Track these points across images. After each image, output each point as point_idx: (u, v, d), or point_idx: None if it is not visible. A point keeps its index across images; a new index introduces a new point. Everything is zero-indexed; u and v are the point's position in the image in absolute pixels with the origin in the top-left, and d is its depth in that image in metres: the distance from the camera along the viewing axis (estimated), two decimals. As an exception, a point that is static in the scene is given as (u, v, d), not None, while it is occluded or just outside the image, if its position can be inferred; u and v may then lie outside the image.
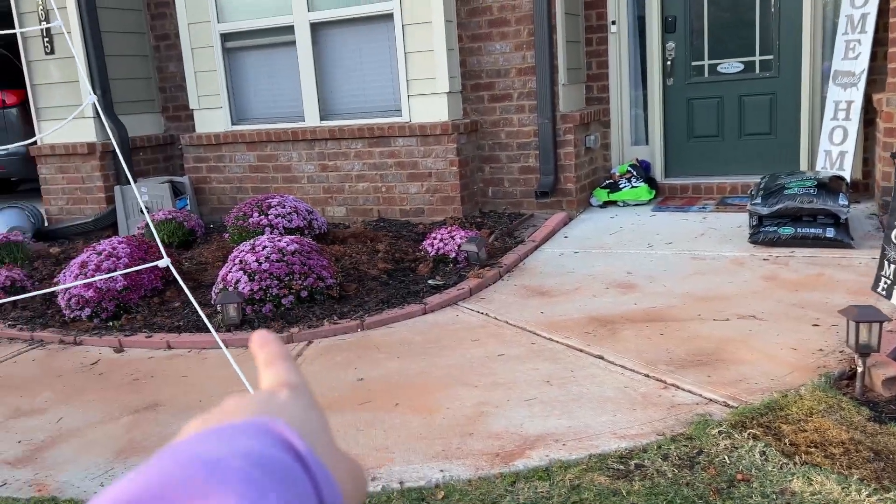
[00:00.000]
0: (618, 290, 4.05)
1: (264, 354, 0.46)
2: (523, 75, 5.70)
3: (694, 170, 6.16)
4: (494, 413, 2.76)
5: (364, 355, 3.44)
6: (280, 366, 0.45)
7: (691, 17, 5.97)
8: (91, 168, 6.46)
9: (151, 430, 2.92)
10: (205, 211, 6.62)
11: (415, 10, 5.59)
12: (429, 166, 5.77)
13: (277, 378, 0.44)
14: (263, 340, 0.47)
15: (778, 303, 3.66)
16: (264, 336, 0.48)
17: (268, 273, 3.99)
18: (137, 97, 6.84)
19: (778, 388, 2.75)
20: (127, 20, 6.70)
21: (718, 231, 5.00)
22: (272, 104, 6.36)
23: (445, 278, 4.48)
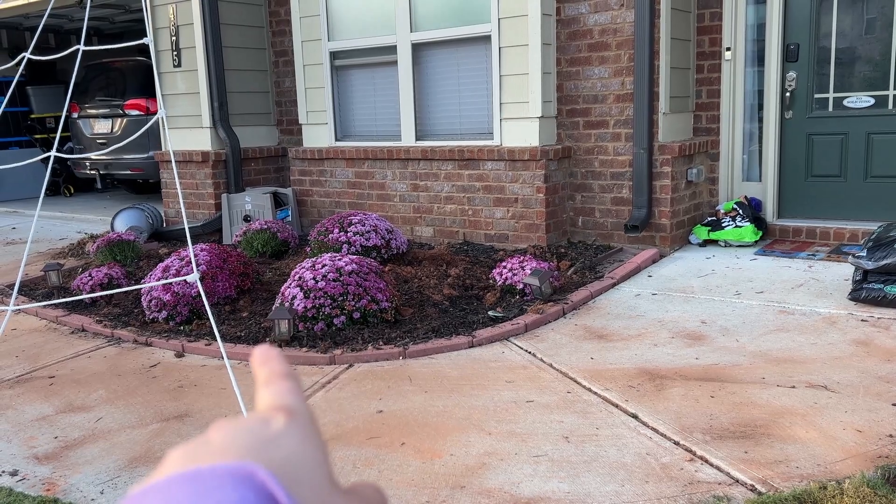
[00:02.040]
0: (683, 341, 3.74)
1: (265, 372, 0.42)
2: (621, 102, 5.44)
3: (810, 212, 5.61)
4: (496, 466, 2.60)
5: (394, 386, 3.38)
6: (280, 386, 0.41)
7: (817, 44, 5.46)
8: (204, 175, 6.86)
9: (172, 440, 3.00)
10: (305, 223, 6.84)
11: (512, 32, 5.49)
12: (515, 191, 5.63)
13: (275, 400, 0.39)
14: (265, 357, 0.43)
15: (861, 373, 3.22)
16: (266, 352, 0.44)
17: (322, 292, 4.02)
18: (255, 110, 7.20)
19: (821, 477, 2.40)
20: (250, 36, 7.08)
21: (821, 283, 4.51)
22: (372, 122, 6.47)
23: (507, 310, 4.33)
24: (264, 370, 0.42)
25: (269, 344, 0.44)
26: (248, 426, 0.36)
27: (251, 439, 0.35)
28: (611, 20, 5.38)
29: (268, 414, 0.37)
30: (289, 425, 0.36)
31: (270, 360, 0.43)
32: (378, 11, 6.17)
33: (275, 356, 0.43)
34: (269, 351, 0.43)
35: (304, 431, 0.37)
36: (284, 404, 0.39)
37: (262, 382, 0.41)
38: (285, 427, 0.36)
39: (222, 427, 0.36)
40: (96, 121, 9.23)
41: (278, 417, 0.37)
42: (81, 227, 8.04)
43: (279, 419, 0.37)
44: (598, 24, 5.44)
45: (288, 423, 0.36)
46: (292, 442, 0.36)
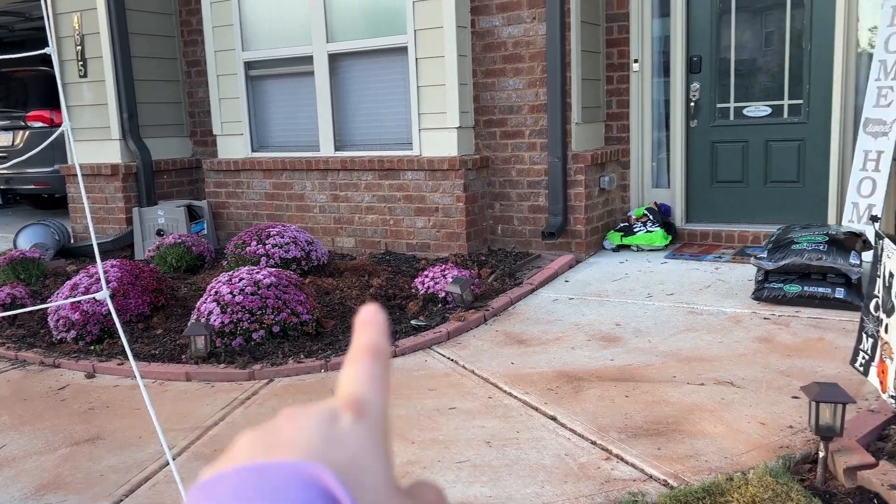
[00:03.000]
0: (599, 344, 3.85)
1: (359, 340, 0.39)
2: (535, 112, 5.57)
3: (715, 216, 5.88)
4: (419, 475, 2.62)
5: (316, 399, 3.33)
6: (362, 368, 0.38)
7: (717, 57, 5.74)
8: (114, 189, 6.63)
9: (82, 464, 2.88)
10: (222, 236, 6.69)
11: (428, 44, 5.55)
12: (436, 201, 5.68)
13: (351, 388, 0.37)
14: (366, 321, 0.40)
15: (764, 369, 3.39)
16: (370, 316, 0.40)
17: (240, 306, 3.95)
18: (167, 121, 7.00)
19: (728, 469, 2.52)
20: (160, 46, 6.89)
21: (727, 284, 4.73)
22: (290, 133, 6.40)
23: (429, 319, 4.36)
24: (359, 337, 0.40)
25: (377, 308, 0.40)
26: (316, 422, 0.35)
27: (318, 437, 0.35)
28: (524, 33, 5.51)
29: (338, 408, 0.36)
30: (357, 425, 0.36)
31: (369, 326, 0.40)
32: (294, 21, 6.12)
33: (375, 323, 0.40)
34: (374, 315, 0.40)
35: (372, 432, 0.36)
36: (357, 398, 0.37)
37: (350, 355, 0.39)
38: (353, 426, 0.35)
39: (292, 417, 0.36)
40: (-4, 133, 8.78)
41: (347, 415, 0.36)
42: (-19, 245, 7.61)
43: (348, 417, 0.36)
44: (511, 36, 5.56)
45: (356, 423, 0.36)
46: (358, 443, 0.35)
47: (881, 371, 2.51)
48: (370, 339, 0.39)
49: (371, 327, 0.40)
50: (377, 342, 0.39)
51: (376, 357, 0.39)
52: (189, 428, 3.14)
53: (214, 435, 3.05)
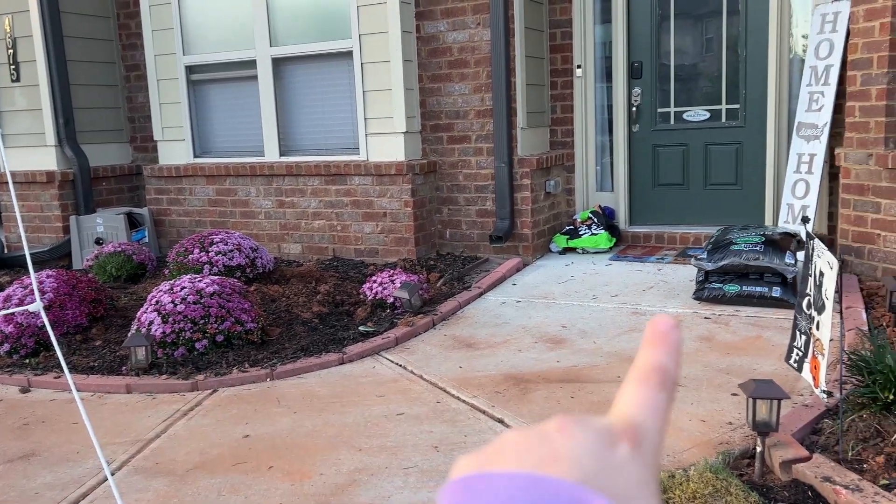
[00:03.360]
0: (546, 345, 3.89)
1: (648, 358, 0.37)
2: (482, 117, 5.60)
3: (658, 218, 6.00)
4: (367, 482, 2.60)
5: (262, 409, 3.30)
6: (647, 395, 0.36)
7: (658, 63, 5.86)
8: (50, 196, 6.42)
9: (16, 482, 2.78)
10: (163, 244, 6.54)
11: (374, 48, 5.53)
12: (384, 206, 5.66)
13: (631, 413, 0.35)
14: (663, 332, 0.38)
15: (705, 367, 3.47)
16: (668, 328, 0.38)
17: (182, 315, 3.87)
18: (106, 126, 6.82)
19: (671, 466, 2.57)
20: (97, 50, 6.71)
21: (669, 284, 4.83)
22: (233, 138, 6.30)
23: (378, 325, 4.34)
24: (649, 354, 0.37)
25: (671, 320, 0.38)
26: (593, 443, 0.34)
27: (596, 462, 0.33)
28: (469, 38, 5.54)
29: (616, 432, 0.35)
30: (634, 457, 0.34)
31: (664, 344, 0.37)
32: (236, 25, 6.03)
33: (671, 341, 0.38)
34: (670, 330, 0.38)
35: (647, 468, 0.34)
36: (638, 427, 0.35)
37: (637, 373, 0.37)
38: (631, 457, 0.34)
39: (566, 430, 0.34)
40: (-77, 139, 8.42)
41: (624, 445, 0.34)
42: None
43: (625, 448, 0.34)
44: (456, 41, 5.58)
45: (633, 454, 0.34)
46: (634, 477, 0.33)
47: (814, 367, 2.59)
48: (663, 362, 0.37)
49: (666, 345, 0.37)
50: (669, 367, 0.37)
51: (664, 385, 0.37)
52: (129, 441, 3.05)
53: (156, 448, 2.98)
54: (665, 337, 0.38)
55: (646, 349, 0.38)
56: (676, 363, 0.38)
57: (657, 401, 0.36)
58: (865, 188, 4.65)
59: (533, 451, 0.33)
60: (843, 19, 4.95)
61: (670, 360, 0.37)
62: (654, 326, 0.38)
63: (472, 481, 0.31)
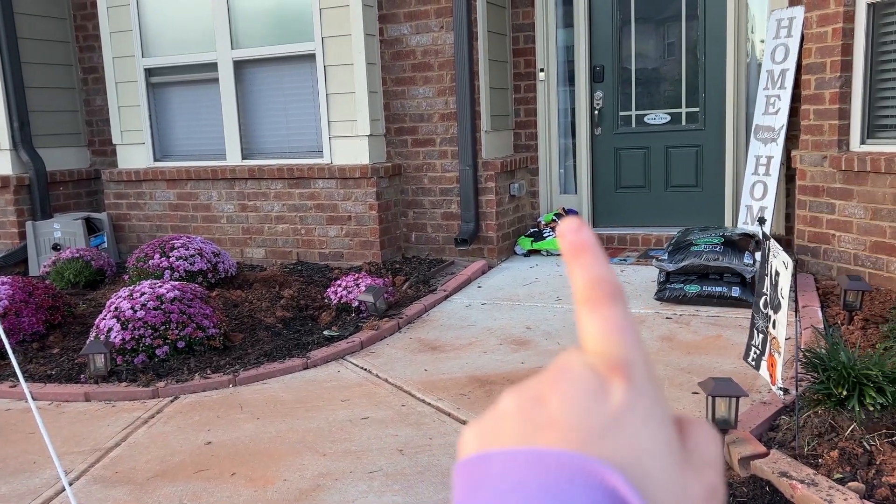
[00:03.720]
0: (510, 347, 3.91)
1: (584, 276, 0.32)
2: (446, 121, 5.61)
3: (620, 220, 6.07)
4: (331, 487, 2.58)
5: (224, 415, 3.26)
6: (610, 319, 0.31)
7: (619, 67, 5.94)
8: (5, 202, 6.27)
9: (-32, 495, 2.71)
10: (123, 249, 6.43)
11: (337, 51, 5.51)
12: (348, 209, 5.64)
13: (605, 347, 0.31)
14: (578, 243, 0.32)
15: (666, 367, 3.52)
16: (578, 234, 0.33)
17: (142, 322, 3.81)
18: (62, 130, 6.69)
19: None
20: (53, 52, 6.58)
21: (631, 286, 4.89)
22: (195, 142, 6.22)
23: (343, 328, 4.31)
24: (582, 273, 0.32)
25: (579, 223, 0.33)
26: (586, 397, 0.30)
27: (594, 422, 0.29)
28: (432, 41, 5.55)
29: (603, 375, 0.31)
30: (629, 395, 0.30)
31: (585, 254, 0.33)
32: (197, 27, 5.96)
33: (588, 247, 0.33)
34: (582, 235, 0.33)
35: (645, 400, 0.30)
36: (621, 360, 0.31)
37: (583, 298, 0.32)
38: (625, 400, 0.30)
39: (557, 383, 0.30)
40: None
41: (617, 384, 0.30)
42: None
43: (618, 387, 0.30)
44: (420, 45, 5.59)
45: (627, 394, 0.30)
46: (636, 421, 0.30)
47: (771, 365, 2.64)
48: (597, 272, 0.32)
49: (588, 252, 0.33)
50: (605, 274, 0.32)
51: (614, 296, 0.32)
52: (88, 450, 2.99)
53: (116, 456, 2.92)
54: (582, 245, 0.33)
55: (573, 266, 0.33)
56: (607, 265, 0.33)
57: (618, 318, 0.32)
58: (820, 189, 4.76)
59: (529, 419, 0.30)
60: (797, 24, 5.06)
61: (603, 265, 0.33)
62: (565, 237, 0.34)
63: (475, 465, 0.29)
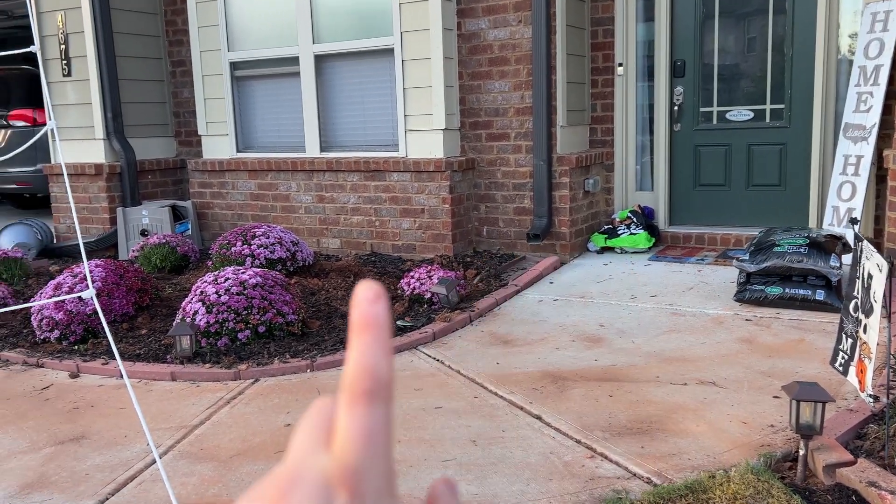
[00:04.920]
0: (583, 344, 3.88)
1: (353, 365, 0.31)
2: (521, 115, 5.60)
3: (698, 219, 5.94)
4: (405, 473, 2.63)
5: (302, 399, 3.35)
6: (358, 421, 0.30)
7: (701, 62, 5.80)
8: (98, 188, 6.59)
9: (67, 463, 2.87)
10: (206, 236, 6.67)
11: (414, 46, 5.57)
12: (421, 202, 5.70)
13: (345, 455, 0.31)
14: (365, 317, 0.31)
15: (746, 369, 3.44)
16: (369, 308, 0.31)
17: (226, 306, 3.95)
18: (151, 121, 6.97)
19: (710, 467, 2.55)
20: (145, 45, 6.86)
21: (709, 286, 4.78)
22: (275, 134, 6.40)
23: (415, 320, 4.37)
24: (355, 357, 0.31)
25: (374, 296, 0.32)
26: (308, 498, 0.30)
27: None
28: (510, 35, 5.54)
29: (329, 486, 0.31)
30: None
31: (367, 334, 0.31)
32: (280, 22, 6.12)
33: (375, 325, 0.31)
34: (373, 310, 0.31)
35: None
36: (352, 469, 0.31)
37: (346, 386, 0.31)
38: None
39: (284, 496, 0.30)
40: (-23, 132, 8.69)
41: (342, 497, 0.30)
42: (-39, 245, 7.54)
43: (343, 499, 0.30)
44: (497, 39, 5.59)
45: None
46: None
47: (860, 371, 2.55)
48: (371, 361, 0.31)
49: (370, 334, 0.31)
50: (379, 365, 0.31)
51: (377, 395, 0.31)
52: (174, 427, 3.13)
53: (200, 434, 3.05)
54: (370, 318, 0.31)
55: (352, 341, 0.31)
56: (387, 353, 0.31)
57: (371, 421, 0.30)
58: (914, 191, 4.55)
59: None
60: (894, 18, 4.84)
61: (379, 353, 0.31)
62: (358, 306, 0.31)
63: None
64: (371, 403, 0.30)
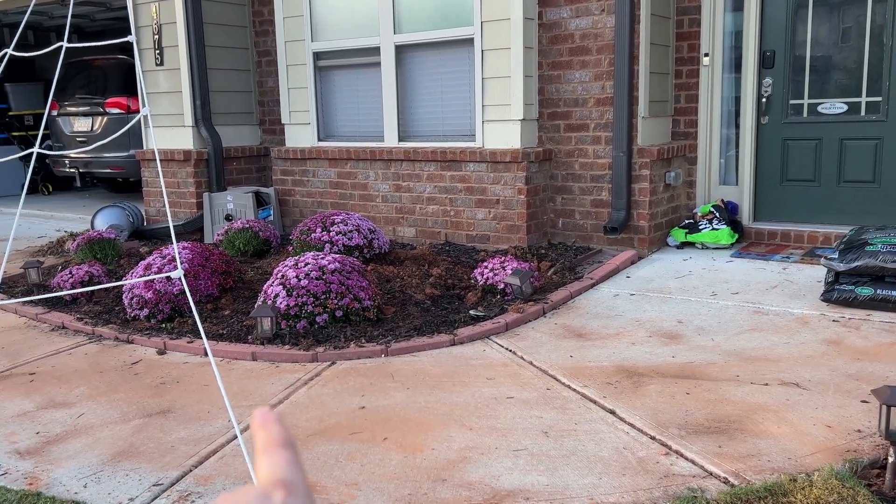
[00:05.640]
0: (660, 340, 3.81)
1: (263, 436, 0.44)
2: (601, 106, 5.52)
3: (785, 215, 5.73)
4: (477, 460, 2.65)
5: (377, 383, 3.41)
6: (278, 457, 0.43)
7: (792, 52, 5.58)
8: (186, 174, 6.85)
9: (154, 435, 3.02)
10: (287, 223, 6.85)
11: (494, 36, 5.56)
12: (497, 193, 5.69)
13: (274, 473, 0.42)
14: (263, 420, 0.45)
15: (832, 371, 3.31)
16: (265, 416, 0.46)
17: (305, 290, 4.05)
18: (237, 109, 7.20)
19: (792, 470, 2.47)
20: (233, 36, 7.08)
21: (794, 284, 4.61)
22: (355, 123, 6.50)
23: (488, 310, 4.38)
24: (263, 434, 0.44)
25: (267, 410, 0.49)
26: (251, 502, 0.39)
27: None
28: (592, 25, 5.46)
29: (268, 489, 0.40)
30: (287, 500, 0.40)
31: (268, 424, 0.45)
32: (362, 13, 6.21)
33: (273, 420, 0.45)
34: (267, 414, 0.46)
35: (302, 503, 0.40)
36: (283, 478, 0.41)
37: (261, 449, 0.44)
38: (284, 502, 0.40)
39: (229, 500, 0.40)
40: (76, 118, 9.17)
41: (278, 493, 0.40)
42: (60, 226, 7.99)
43: (278, 495, 0.40)
44: (579, 28, 5.52)
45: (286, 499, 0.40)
46: None
47: (958, 377, 2.42)
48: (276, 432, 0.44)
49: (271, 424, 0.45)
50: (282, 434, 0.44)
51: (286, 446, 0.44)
52: (255, 405, 3.24)
53: (279, 413, 3.14)
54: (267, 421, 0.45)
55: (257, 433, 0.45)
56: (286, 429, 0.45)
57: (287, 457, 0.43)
58: None
59: None
60: None
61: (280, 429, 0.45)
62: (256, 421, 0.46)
63: None
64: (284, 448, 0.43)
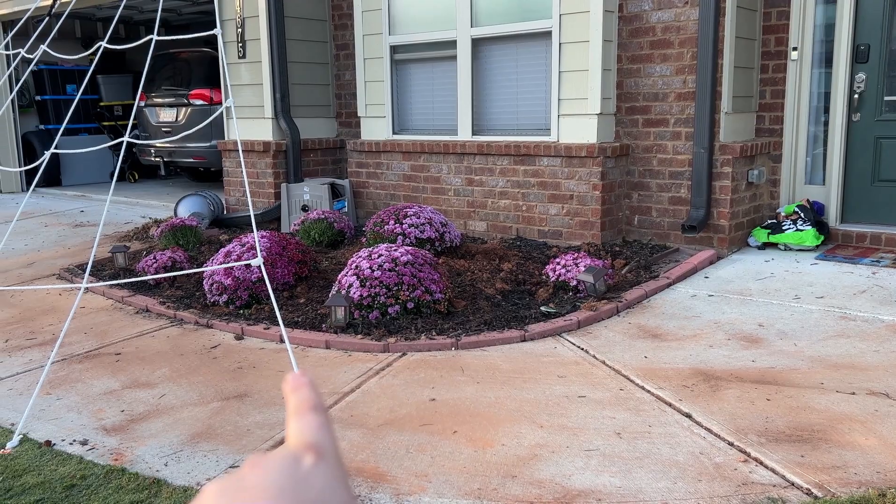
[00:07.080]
0: (740, 343, 3.69)
1: (295, 400, 0.44)
2: (682, 100, 5.37)
3: (875, 217, 5.46)
4: (548, 458, 2.63)
5: (447, 375, 3.42)
6: (310, 420, 0.43)
7: (888, 47, 5.29)
8: (265, 165, 7.02)
9: (231, 418, 3.10)
10: (361, 214, 6.94)
11: (573, 28, 5.48)
12: (571, 188, 5.62)
13: (304, 436, 0.42)
14: (297, 384, 0.45)
15: (926, 383, 3.13)
16: (298, 380, 0.46)
17: (378, 281, 4.10)
18: (315, 102, 7.33)
19: (880, 484, 2.35)
20: (312, 29, 7.20)
21: (885, 290, 4.39)
22: (429, 116, 6.53)
23: (559, 306, 4.33)
24: (295, 398, 0.44)
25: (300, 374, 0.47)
26: (280, 465, 0.38)
27: (283, 479, 0.37)
28: (674, 18, 5.32)
29: (298, 452, 0.40)
30: (317, 465, 0.39)
31: (301, 388, 0.44)
32: (439, 6, 6.21)
33: (306, 384, 0.44)
34: (300, 378, 0.45)
35: (332, 470, 0.39)
36: (313, 441, 0.41)
37: (293, 412, 0.43)
38: (314, 466, 0.39)
39: (256, 464, 0.39)
40: (162, 109, 9.52)
41: (308, 456, 0.39)
42: (145, 212, 8.31)
43: (308, 458, 0.39)
44: (661, 21, 5.38)
45: (316, 463, 0.39)
46: (321, 481, 0.38)
47: None
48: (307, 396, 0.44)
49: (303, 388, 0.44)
50: (314, 398, 0.44)
51: (318, 410, 0.43)
52: (327, 393, 3.30)
53: (351, 401, 3.20)
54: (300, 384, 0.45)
55: (288, 396, 0.44)
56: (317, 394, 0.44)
57: (319, 421, 0.42)
58: None
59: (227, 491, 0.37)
60: None
61: (312, 393, 0.44)
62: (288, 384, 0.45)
63: None
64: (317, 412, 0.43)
